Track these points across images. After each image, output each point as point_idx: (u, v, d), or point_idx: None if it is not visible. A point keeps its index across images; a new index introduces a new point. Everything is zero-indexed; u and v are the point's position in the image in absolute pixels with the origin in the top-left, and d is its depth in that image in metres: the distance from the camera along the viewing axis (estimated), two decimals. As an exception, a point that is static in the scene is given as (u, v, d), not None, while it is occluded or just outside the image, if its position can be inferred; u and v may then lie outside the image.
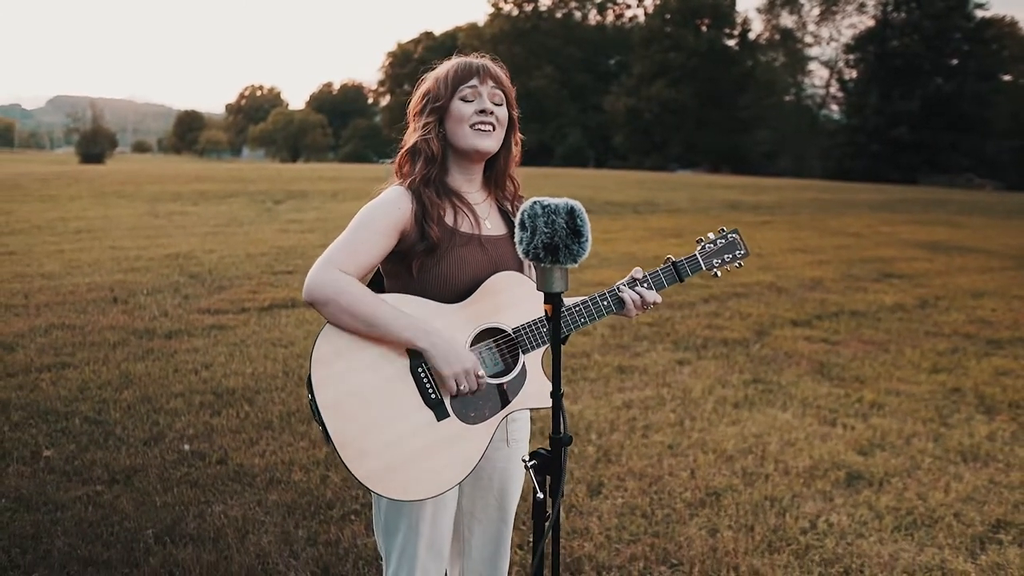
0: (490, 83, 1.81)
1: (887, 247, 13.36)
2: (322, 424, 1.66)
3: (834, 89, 56.59)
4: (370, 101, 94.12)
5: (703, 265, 1.92)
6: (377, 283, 1.87)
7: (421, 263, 1.76)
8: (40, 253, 9.78)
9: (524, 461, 1.54)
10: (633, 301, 1.82)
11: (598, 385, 5.15)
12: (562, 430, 1.51)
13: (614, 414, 4.56)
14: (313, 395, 1.66)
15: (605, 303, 1.82)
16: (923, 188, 37.05)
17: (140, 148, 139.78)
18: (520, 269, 1.85)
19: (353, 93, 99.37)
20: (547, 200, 1.39)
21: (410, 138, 1.83)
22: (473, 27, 66.99)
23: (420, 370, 1.70)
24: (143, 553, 2.92)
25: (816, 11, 56.68)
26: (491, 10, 64.66)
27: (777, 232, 14.93)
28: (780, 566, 2.98)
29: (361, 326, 1.67)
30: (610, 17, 66.84)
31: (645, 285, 1.85)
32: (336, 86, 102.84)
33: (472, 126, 1.78)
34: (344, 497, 3.41)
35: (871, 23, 52.32)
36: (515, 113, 1.88)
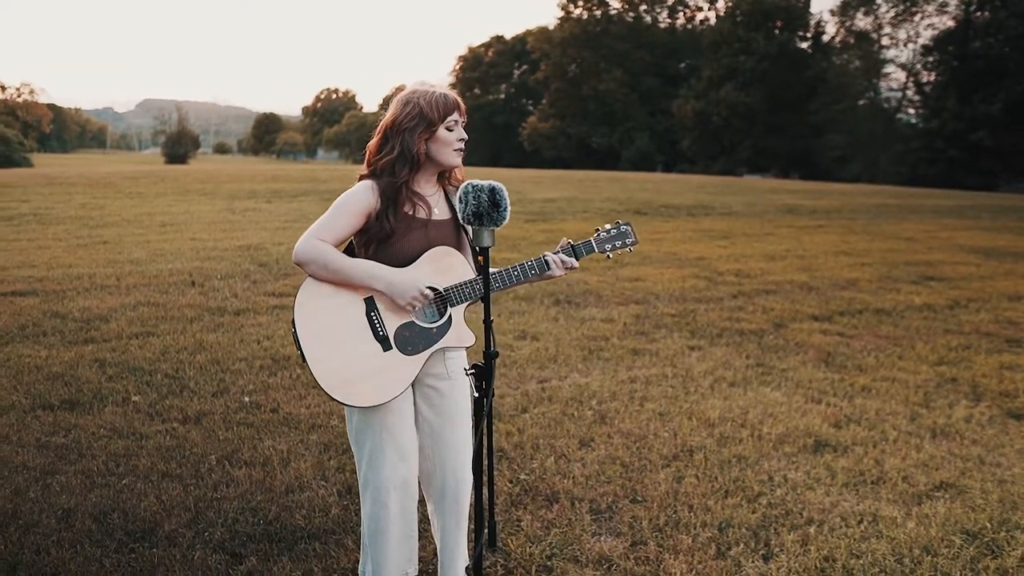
0: (464, 116, 2.42)
1: (938, 252, 13.36)
2: (300, 349, 2.27)
3: (911, 92, 55.00)
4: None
5: (596, 248, 2.52)
6: (350, 253, 2.47)
7: (383, 239, 2.36)
8: (129, 243, 10.87)
9: (465, 369, 2.16)
10: (555, 263, 2.41)
11: (610, 364, 5.69)
12: (492, 347, 2.12)
13: (617, 387, 5.10)
14: (295, 328, 2.29)
15: (530, 266, 2.41)
16: (1000, 195, 35.88)
17: (221, 149, 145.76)
18: (455, 246, 2.41)
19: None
20: (477, 182, 2.02)
21: (395, 145, 2.37)
22: (543, 31, 67.60)
23: (372, 314, 2.31)
24: (207, 471, 3.65)
25: (893, 12, 55.19)
26: (561, 14, 65.26)
27: (827, 236, 15.05)
28: (731, 506, 3.49)
29: (332, 276, 2.28)
30: (680, 20, 66.56)
31: (565, 252, 2.46)
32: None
33: (455, 149, 2.39)
34: (372, 440, 4.07)
35: (951, 24, 50.68)
36: None
